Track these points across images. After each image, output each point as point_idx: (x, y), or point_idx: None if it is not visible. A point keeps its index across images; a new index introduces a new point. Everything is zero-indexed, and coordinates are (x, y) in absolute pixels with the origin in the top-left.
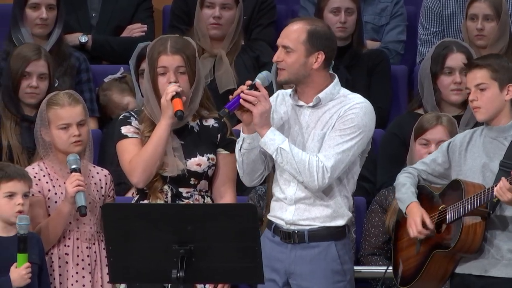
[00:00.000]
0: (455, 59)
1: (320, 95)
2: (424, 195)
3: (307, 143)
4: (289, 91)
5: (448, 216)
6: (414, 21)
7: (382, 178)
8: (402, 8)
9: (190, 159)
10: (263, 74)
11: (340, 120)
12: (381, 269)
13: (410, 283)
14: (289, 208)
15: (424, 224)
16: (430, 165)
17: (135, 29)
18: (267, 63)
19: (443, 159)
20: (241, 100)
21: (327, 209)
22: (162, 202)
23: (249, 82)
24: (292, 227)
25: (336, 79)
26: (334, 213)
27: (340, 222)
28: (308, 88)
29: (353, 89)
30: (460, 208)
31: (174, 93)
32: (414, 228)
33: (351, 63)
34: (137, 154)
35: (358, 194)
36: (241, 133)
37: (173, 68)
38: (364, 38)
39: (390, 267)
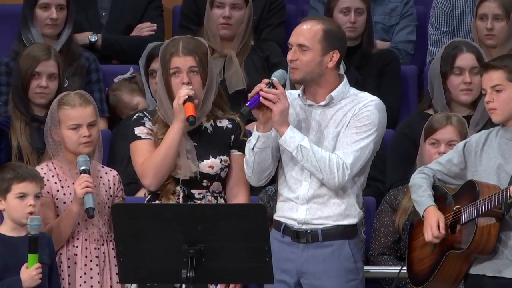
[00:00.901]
0: (465, 59)
1: (333, 93)
2: (438, 196)
3: (321, 142)
4: (294, 92)
5: (462, 217)
6: (424, 21)
7: (392, 178)
8: (412, 8)
9: (203, 161)
10: (279, 72)
11: (356, 117)
12: (391, 269)
13: (424, 284)
14: (301, 208)
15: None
16: (445, 165)
17: (145, 28)
18: (277, 64)
19: (459, 159)
20: (261, 98)
21: (339, 207)
22: (174, 203)
23: (266, 80)
24: (304, 227)
25: (345, 79)
26: (347, 211)
27: (353, 220)
28: (320, 88)
29: (363, 89)
30: (474, 209)
31: (187, 97)
32: (430, 233)
33: (361, 63)
34: (150, 157)
35: (368, 193)
36: (255, 132)
37: (185, 69)
38: (374, 38)
39: (404, 268)
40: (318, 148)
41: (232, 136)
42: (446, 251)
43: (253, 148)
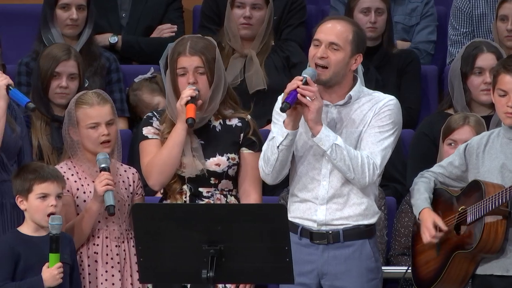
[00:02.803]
0: (485, 59)
1: (351, 92)
2: (442, 198)
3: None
4: None
5: (468, 217)
6: (444, 21)
7: (412, 178)
8: (433, 8)
9: (209, 159)
10: (310, 70)
11: (377, 117)
12: (399, 269)
13: (431, 286)
14: (320, 208)
15: (437, 227)
16: (447, 168)
17: (165, 30)
18: (297, 64)
19: (460, 161)
20: (298, 95)
21: (359, 207)
22: (181, 202)
23: (300, 77)
24: (324, 228)
25: (359, 79)
26: (367, 211)
27: (372, 220)
28: (340, 88)
29: (383, 89)
30: (481, 208)
31: (189, 98)
32: (427, 234)
33: (381, 63)
34: (153, 157)
35: (388, 194)
36: (283, 129)
37: (191, 68)
38: (395, 38)
39: (409, 269)
40: (350, 147)
41: (242, 134)
42: (452, 252)
43: (278, 146)
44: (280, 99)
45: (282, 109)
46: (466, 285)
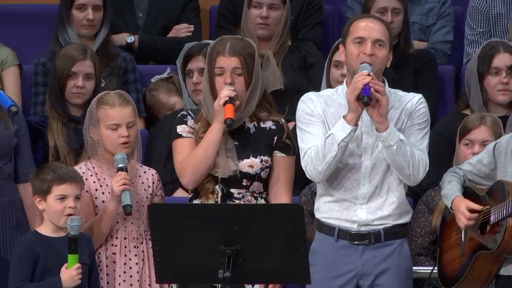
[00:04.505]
0: (502, 59)
1: (385, 89)
2: (468, 196)
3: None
4: (324, 92)
5: (492, 217)
6: (461, 21)
7: (428, 178)
8: (449, 8)
9: (243, 160)
10: (368, 67)
11: (414, 115)
12: (422, 269)
13: (455, 285)
14: (361, 208)
15: (472, 210)
16: (476, 166)
17: (182, 29)
18: (314, 64)
19: (489, 160)
20: (372, 90)
21: (397, 206)
22: (213, 202)
23: (365, 72)
24: (363, 228)
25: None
26: (403, 209)
27: (408, 218)
28: None
29: (400, 88)
30: (503, 208)
31: (227, 98)
32: (463, 218)
33: (398, 63)
34: (188, 156)
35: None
36: (346, 126)
37: (229, 69)
38: (411, 38)
39: (436, 268)
40: (408, 144)
41: (275, 137)
42: (476, 252)
43: (339, 143)
44: (304, 99)
45: (366, 103)
46: (490, 285)
